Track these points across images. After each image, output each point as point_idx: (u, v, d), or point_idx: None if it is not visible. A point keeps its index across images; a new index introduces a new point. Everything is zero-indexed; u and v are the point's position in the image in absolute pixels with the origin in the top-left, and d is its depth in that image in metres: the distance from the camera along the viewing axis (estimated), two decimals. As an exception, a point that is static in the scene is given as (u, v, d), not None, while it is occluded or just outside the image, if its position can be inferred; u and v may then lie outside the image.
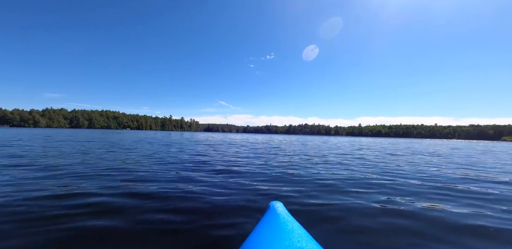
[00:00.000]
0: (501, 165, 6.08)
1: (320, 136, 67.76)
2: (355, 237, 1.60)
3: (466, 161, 6.72)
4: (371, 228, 1.75)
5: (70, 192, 2.38)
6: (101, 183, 2.83)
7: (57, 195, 2.27)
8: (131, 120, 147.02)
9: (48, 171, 3.43)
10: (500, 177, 4.13)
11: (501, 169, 5.20)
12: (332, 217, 1.93)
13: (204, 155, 6.47)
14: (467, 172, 4.57)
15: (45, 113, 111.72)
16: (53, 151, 6.10)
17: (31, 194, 2.28)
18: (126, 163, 4.52)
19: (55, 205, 1.99)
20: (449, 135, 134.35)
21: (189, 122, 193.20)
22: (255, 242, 0.85)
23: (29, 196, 2.21)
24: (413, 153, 9.25)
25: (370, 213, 2.03)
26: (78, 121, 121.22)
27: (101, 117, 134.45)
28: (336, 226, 1.75)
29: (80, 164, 4.19)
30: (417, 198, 2.57)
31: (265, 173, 3.86)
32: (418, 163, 5.88)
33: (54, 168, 3.71)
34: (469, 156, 8.77)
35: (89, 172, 3.48)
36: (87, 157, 5.21)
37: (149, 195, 2.37)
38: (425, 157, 7.64)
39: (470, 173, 4.51)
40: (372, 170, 4.53)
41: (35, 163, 4.08)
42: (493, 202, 2.50)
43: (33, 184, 2.65)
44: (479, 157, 8.20)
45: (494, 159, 7.62)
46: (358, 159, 6.41)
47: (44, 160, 4.54)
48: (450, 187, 3.17)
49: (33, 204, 1.99)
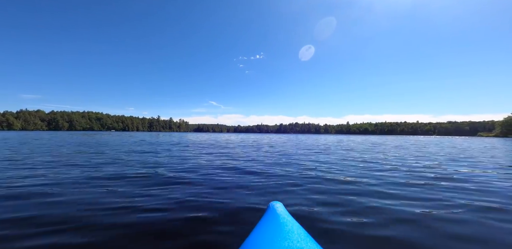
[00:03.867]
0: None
1: (317, 135, 68.84)
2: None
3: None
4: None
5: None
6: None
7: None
8: (116, 121, 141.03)
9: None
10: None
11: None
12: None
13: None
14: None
15: (19, 115, 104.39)
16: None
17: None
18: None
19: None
20: (430, 131, 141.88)
21: (178, 122, 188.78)
22: (255, 242, 0.84)
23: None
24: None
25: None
26: (57, 123, 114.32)
27: (83, 119, 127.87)
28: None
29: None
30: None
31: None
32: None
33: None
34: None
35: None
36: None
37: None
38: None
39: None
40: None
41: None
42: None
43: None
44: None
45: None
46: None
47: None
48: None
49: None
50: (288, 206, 1.90)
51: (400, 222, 1.77)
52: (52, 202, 2.10)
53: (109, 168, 3.93)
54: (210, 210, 1.98)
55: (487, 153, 8.44)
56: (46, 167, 3.96)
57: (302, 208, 2.03)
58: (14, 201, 2.13)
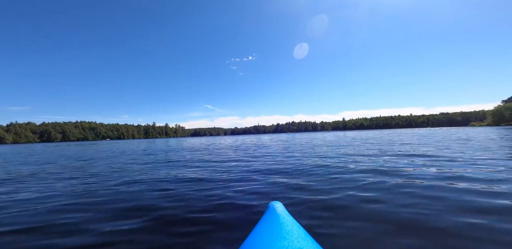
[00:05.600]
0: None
1: (314, 133, 68.60)
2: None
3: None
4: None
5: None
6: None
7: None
8: (110, 130, 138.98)
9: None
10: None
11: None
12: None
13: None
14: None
15: (10, 128, 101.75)
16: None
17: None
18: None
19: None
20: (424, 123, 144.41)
21: (174, 128, 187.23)
22: (255, 242, 0.84)
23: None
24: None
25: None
26: (50, 134, 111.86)
27: (76, 129, 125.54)
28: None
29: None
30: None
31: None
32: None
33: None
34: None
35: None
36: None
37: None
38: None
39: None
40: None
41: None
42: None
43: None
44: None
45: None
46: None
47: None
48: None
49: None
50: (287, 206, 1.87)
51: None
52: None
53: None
54: (210, 210, 1.95)
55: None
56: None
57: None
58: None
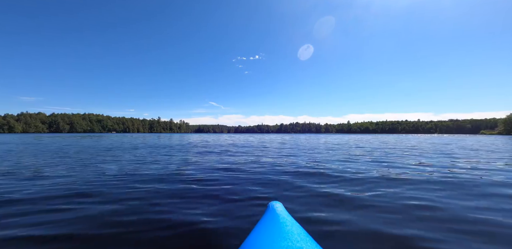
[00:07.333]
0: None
1: (317, 134, 68.11)
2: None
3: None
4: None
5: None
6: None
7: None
8: (116, 123, 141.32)
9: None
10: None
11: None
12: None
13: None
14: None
15: (20, 117, 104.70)
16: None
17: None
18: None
19: None
20: (431, 130, 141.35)
21: (178, 123, 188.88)
22: (254, 242, 0.83)
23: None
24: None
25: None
26: (58, 125, 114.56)
27: (84, 121, 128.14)
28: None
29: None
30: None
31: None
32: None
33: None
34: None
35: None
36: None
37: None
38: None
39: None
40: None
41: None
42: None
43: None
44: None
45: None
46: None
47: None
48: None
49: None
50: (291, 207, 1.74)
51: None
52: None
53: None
54: (210, 210, 1.92)
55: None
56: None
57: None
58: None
